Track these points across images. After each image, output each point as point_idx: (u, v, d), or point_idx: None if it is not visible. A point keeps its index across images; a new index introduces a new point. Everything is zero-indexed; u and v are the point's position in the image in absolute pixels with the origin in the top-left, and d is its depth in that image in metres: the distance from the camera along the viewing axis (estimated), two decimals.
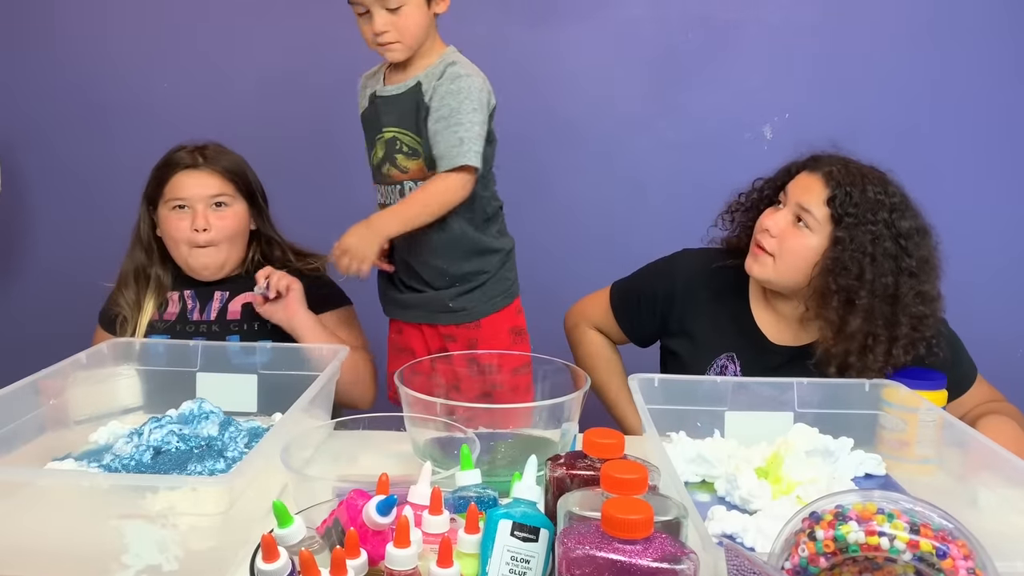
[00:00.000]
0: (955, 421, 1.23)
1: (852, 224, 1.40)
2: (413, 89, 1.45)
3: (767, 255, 1.47)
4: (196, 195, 1.63)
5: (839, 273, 1.40)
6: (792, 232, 1.45)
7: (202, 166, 1.65)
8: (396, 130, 1.47)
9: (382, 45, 1.42)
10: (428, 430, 1.21)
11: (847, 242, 1.40)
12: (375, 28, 1.39)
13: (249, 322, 1.65)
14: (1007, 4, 2.19)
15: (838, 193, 1.42)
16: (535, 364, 1.41)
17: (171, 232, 1.65)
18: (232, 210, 1.67)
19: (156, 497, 0.93)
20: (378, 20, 1.39)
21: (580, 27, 2.25)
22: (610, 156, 2.30)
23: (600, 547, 0.71)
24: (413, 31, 1.42)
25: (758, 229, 1.50)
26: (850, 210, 1.40)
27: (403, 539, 0.79)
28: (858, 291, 1.39)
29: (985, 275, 2.20)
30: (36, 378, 1.28)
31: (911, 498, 0.76)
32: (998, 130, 2.24)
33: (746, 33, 2.24)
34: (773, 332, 1.56)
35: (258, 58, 2.31)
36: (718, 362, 1.57)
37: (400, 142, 1.47)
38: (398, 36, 1.41)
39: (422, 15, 1.42)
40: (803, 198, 1.45)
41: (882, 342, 1.39)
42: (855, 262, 1.39)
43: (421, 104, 1.44)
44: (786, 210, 1.47)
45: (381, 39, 1.41)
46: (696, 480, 1.23)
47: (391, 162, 1.49)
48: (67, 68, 2.33)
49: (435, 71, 1.45)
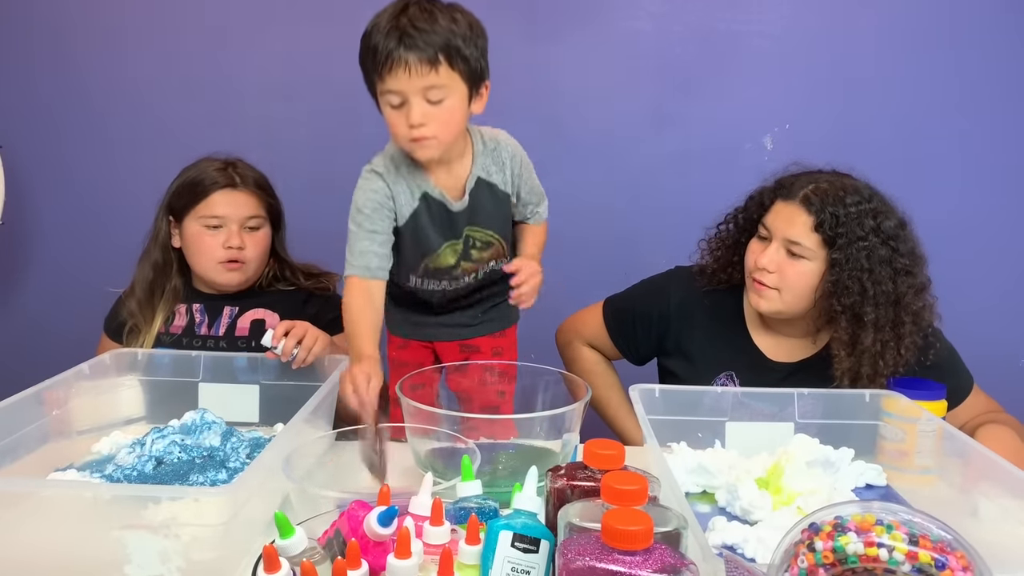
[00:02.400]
0: (955, 431, 1.23)
1: (845, 244, 1.41)
2: (479, 187, 1.38)
3: (770, 290, 1.48)
4: (232, 214, 1.65)
5: (842, 294, 1.41)
6: (788, 264, 1.46)
7: (239, 186, 1.66)
8: (472, 230, 1.41)
9: (415, 140, 1.26)
10: (429, 441, 1.22)
11: (844, 263, 1.41)
12: (412, 119, 1.23)
13: (257, 339, 1.65)
14: (1007, 16, 2.20)
15: (823, 218, 1.42)
16: (536, 375, 1.42)
17: (201, 248, 1.65)
18: (263, 232, 1.69)
19: (158, 508, 0.94)
20: (416, 110, 1.23)
21: (581, 39, 2.26)
22: (611, 167, 2.31)
23: (600, 558, 0.71)
24: (452, 128, 1.28)
25: (753, 268, 1.50)
26: (840, 231, 1.41)
27: (404, 550, 0.79)
28: (863, 307, 1.41)
29: (985, 286, 2.21)
30: (39, 389, 1.29)
31: (910, 509, 0.76)
32: (998, 141, 2.24)
33: (746, 45, 2.25)
34: (771, 350, 1.57)
35: (263, 66, 2.32)
36: (718, 381, 1.57)
37: (473, 238, 1.41)
38: (436, 131, 1.25)
39: (463, 112, 1.28)
40: (789, 232, 1.45)
41: (891, 347, 1.41)
42: (855, 280, 1.41)
43: (497, 195, 1.40)
44: (775, 244, 1.47)
45: (416, 132, 1.24)
46: (697, 491, 1.23)
47: (465, 259, 1.42)
48: (71, 74, 2.34)
49: (485, 160, 1.38)
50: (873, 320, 1.40)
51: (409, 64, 1.20)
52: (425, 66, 1.21)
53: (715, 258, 1.61)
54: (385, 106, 1.27)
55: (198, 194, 1.66)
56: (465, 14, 1.27)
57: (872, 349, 1.41)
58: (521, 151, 1.43)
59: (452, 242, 1.39)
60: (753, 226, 1.54)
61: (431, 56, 1.21)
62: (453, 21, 1.23)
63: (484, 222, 1.41)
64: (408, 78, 1.21)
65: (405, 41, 1.20)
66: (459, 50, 1.23)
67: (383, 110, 1.28)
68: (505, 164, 1.39)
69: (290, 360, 1.43)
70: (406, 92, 1.22)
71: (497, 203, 1.40)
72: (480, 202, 1.38)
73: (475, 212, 1.39)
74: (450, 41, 1.22)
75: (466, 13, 1.27)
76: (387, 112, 1.27)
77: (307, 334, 1.43)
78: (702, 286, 1.62)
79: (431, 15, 1.22)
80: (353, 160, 2.33)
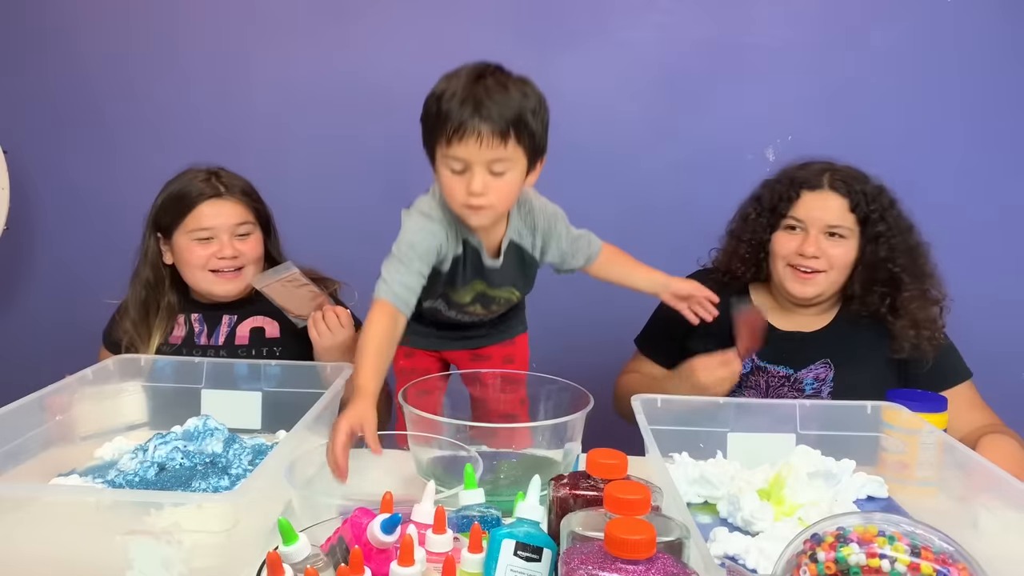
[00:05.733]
0: (956, 443, 1.23)
1: (878, 218, 1.56)
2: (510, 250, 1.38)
3: (817, 274, 1.57)
4: (221, 224, 1.63)
5: (884, 263, 1.56)
6: (831, 245, 1.57)
7: (224, 195, 1.65)
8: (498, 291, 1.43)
9: (472, 208, 1.25)
10: (431, 449, 1.22)
11: (886, 232, 1.55)
12: (473, 187, 1.21)
13: (257, 347, 1.65)
14: (1009, 28, 2.21)
15: (857, 199, 1.56)
16: (538, 384, 1.42)
17: (192, 260, 1.64)
18: (254, 237, 1.68)
19: (161, 514, 0.94)
20: (479, 180, 1.21)
21: (583, 50, 2.28)
22: (612, 178, 2.31)
23: (603, 567, 0.71)
24: (508, 200, 1.28)
25: (791, 258, 1.59)
26: (873, 206, 1.56)
27: (407, 558, 0.79)
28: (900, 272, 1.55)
29: (987, 296, 2.21)
30: (42, 394, 1.29)
31: (912, 520, 0.76)
32: (1001, 154, 2.25)
33: (748, 56, 2.26)
34: (780, 323, 1.66)
35: (269, 72, 2.33)
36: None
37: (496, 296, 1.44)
38: (493, 201, 1.24)
39: (520, 184, 1.28)
40: (828, 217, 1.56)
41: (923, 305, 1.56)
42: (890, 248, 1.55)
43: (524, 258, 1.41)
44: (814, 232, 1.57)
45: (475, 200, 1.23)
46: (698, 501, 1.23)
47: (481, 304, 1.44)
48: (77, 80, 2.35)
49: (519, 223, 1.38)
50: (908, 281, 1.55)
51: (481, 135, 1.19)
52: (496, 139, 1.19)
53: (740, 260, 1.67)
54: (444, 169, 1.24)
55: (184, 208, 1.64)
56: (534, 89, 1.26)
57: (910, 306, 1.55)
58: (552, 212, 1.42)
59: (478, 282, 1.39)
60: (777, 222, 1.61)
61: (502, 129, 1.19)
62: (524, 95, 1.22)
63: (509, 282, 1.42)
64: (478, 149, 1.19)
65: (480, 111, 1.18)
66: (527, 125, 1.22)
67: (440, 172, 1.26)
68: (536, 229, 1.40)
69: (291, 364, 1.47)
70: (471, 161, 1.21)
71: (524, 265, 1.42)
72: (509, 263, 1.39)
73: (504, 273, 1.39)
74: (521, 115, 1.21)
75: (535, 88, 1.26)
76: (445, 175, 1.25)
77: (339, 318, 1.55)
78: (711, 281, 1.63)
79: (505, 88, 1.21)
80: (353, 162, 2.34)
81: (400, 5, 2.28)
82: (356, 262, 1.65)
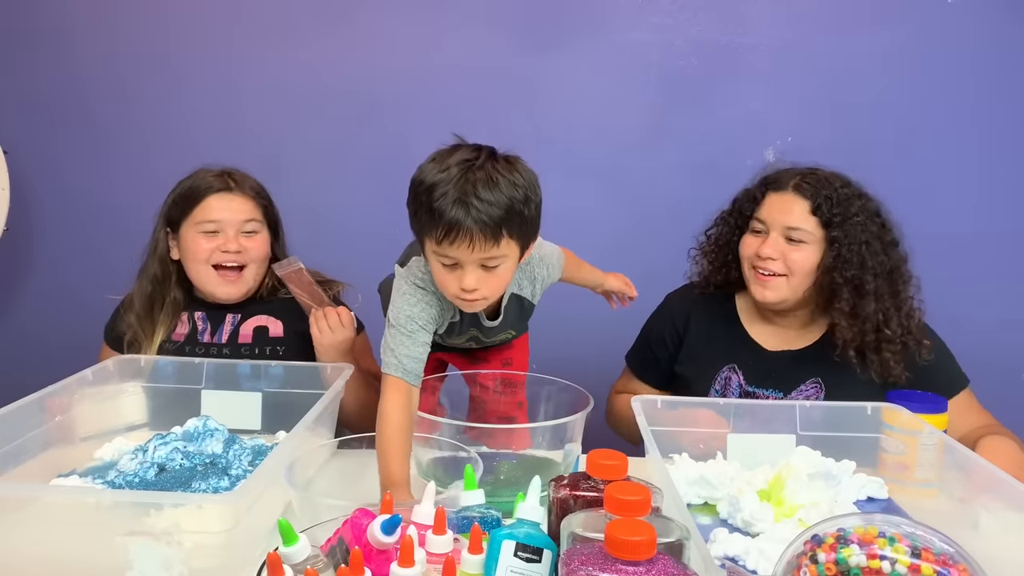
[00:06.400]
0: (956, 444, 1.23)
1: (840, 222, 1.49)
2: (511, 302, 1.37)
3: (776, 278, 1.53)
4: (228, 219, 1.64)
5: (843, 268, 1.49)
6: (790, 249, 1.52)
7: (235, 190, 1.66)
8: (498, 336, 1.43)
9: (465, 300, 1.22)
10: (431, 450, 1.22)
11: (843, 239, 1.49)
12: (465, 284, 1.18)
13: (260, 346, 1.65)
14: (1009, 28, 2.21)
15: (819, 201, 1.51)
16: (538, 384, 1.42)
17: (197, 253, 1.64)
18: (261, 236, 1.68)
19: (161, 514, 0.94)
20: (471, 277, 1.18)
21: (583, 51, 2.27)
22: (612, 179, 2.31)
23: (603, 568, 0.71)
24: (501, 288, 1.25)
25: (753, 260, 1.55)
26: (835, 211, 1.50)
27: (407, 558, 0.79)
28: (863, 277, 1.48)
29: (986, 300, 2.21)
30: (42, 395, 1.29)
31: (912, 522, 0.76)
32: (1001, 155, 2.25)
33: (748, 57, 2.26)
34: (769, 341, 1.62)
35: (270, 74, 2.33)
36: (721, 375, 1.60)
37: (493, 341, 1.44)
38: (487, 294, 1.22)
39: (513, 271, 1.25)
40: (787, 219, 1.52)
41: (893, 315, 1.49)
42: (855, 253, 1.48)
43: (524, 306, 1.39)
44: (774, 234, 1.53)
45: (468, 296, 1.20)
46: (698, 502, 1.24)
47: (475, 341, 1.43)
48: (78, 82, 2.35)
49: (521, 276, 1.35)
50: (873, 289, 1.48)
51: (473, 239, 1.14)
52: (489, 241, 1.15)
53: (709, 261, 1.67)
54: (435, 262, 1.20)
55: (193, 200, 1.65)
56: (524, 172, 1.19)
57: (874, 318, 1.48)
58: (551, 263, 1.40)
59: (474, 330, 1.39)
60: (744, 223, 1.60)
61: (494, 231, 1.14)
62: (514, 187, 1.16)
63: (507, 328, 1.42)
64: (470, 252, 1.15)
65: (472, 213, 1.13)
66: (520, 216, 1.17)
67: (431, 262, 1.21)
68: (536, 279, 1.38)
69: (292, 365, 1.48)
70: (463, 261, 1.17)
71: (523, 312, 1.41)
72: (509, 314, 1.38)
73: (504, 324, 1.39)
74: (512, 209, 1.15)
75: (524, 172, 1.19)
76: (436, 268, 1.21)
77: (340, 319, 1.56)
78: (697, 293, 1.68)
79: (496, 184, 1.15)
80: (354, 164, 2.34)
81: (399, 6, 2.28)
82: (355, 264, 1.66)
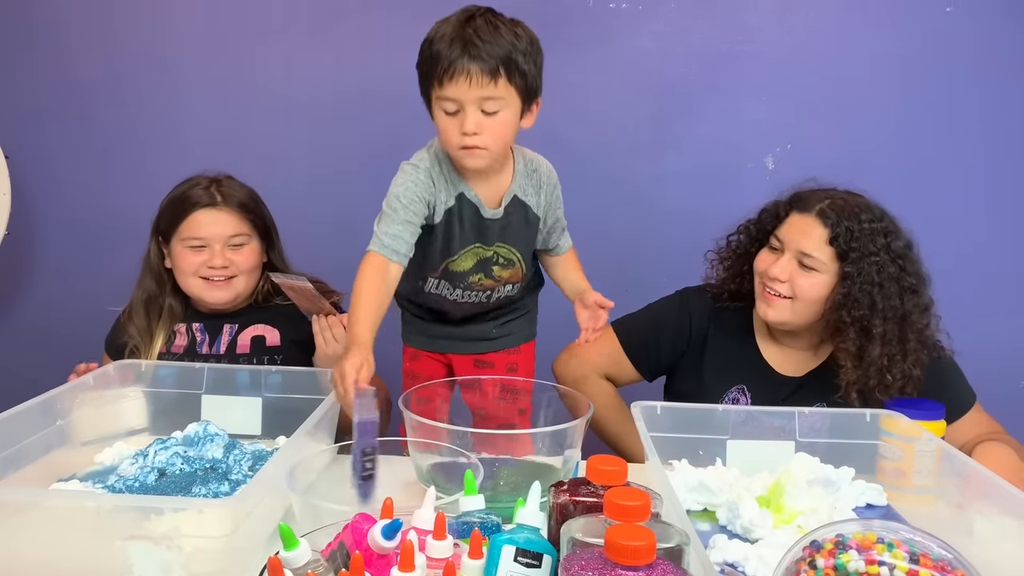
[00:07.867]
0: (954, 451, 1.23)
1: (857, 258, 1.44)
2: (513, 205, 1.40)
3: (781, 299, 1.50)
4: (215, 234, 1.63)
5: (852, 307, 1.44)
6: (800, 275, 1.49)
7: (220, 205, 1.65)
8: (499, 247, 1.43)
9: (466, 148, 1.27)
10: (432, 455, 1.22)
11: (855, 276, 1.44)
12: (466, 127, 1.24)
13: (259, 356, 1.65)
14: (1009, 36, 2.21)
15: (839, 232, 1.45)
16: (539, 391, 1.42)
17: (184, 267, 1.64)
18: (248, 247, 1.67)
19: (161, 519, 0.94)
20: (471, 119, 1.24)
21: (585, 58, 2.28)
22: (612, 186, 2.32)
23: (603, 573, 0.71)
24: (503, 140, 1.30)
25: (765, 277, 1.53)
26: (853, 245, 1.45)
27: (408, 564, 0.79)
28: (871, 320, 1.44)
29: (987, 306, 2.21)
30: (43, 399, 1.29)
31: (911, 528, 0.76)
32: (1002, 163, 2.25)
33: (749, 65, 2.26)
34: (780, 364, 1.59)
35: (269, 78, 2.33)
36: (729, 395, 1.59)
37: (498, 255, 1.43)
38: (487, 142, 1.27)
39: (514, 125, 1.30)
40: (803, 244, 1.48)
41: (898, 361, 1.44)
42: (865, 294, 1.44)
43: (528, 217, 1.41)
44: (788, 255, 1.50)
45: (469, 140, 1.26)
46: (698, 508, 1.24)
47: (484, 272, 1.44)
48: (78, 86, 2.36)
49: (524, 180, 1.40)
50: (881, 333, 1.43)
51: (471, 74, 1.22)
52: (485, 77, 1.22)
53: (725, 267, 1.64)
54: (439, 112, 1.28)
55: (180, 215, 1.64)
56: (526, 30, 1.29)
57: (879, 362, 1.43)
58: (557, 180, 1.45)
59: (477, 246, 1.40)
60: (765, 237, 1.57)
61: (492, 68, 1.23)
62: (515, 36, 1.25)
63: (512, 240, 1.42)
64: (468, 88, 1.23)
65: (469, 51, 1.22)
66: (518, 64, 1.25)
67: (435, 116, 1.29)
68: (541, 188, 1.41)
69: (292, 371, 1.48)
70: (463, 101, 1.24)
71: (527, 224, 1.42)
72: (512, 219, 1.40)
73: (506, 228, 1.40)
74: (511, 55, 1.24)
75: (527, 29, 1.29)
76: (440, 118, 1.28)
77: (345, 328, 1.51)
78: (713, 301, 1.64)
79: (495, 28, 1.25)
80: (354, 166, 2.35)
81: (397, 9, 2.29)
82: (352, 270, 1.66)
